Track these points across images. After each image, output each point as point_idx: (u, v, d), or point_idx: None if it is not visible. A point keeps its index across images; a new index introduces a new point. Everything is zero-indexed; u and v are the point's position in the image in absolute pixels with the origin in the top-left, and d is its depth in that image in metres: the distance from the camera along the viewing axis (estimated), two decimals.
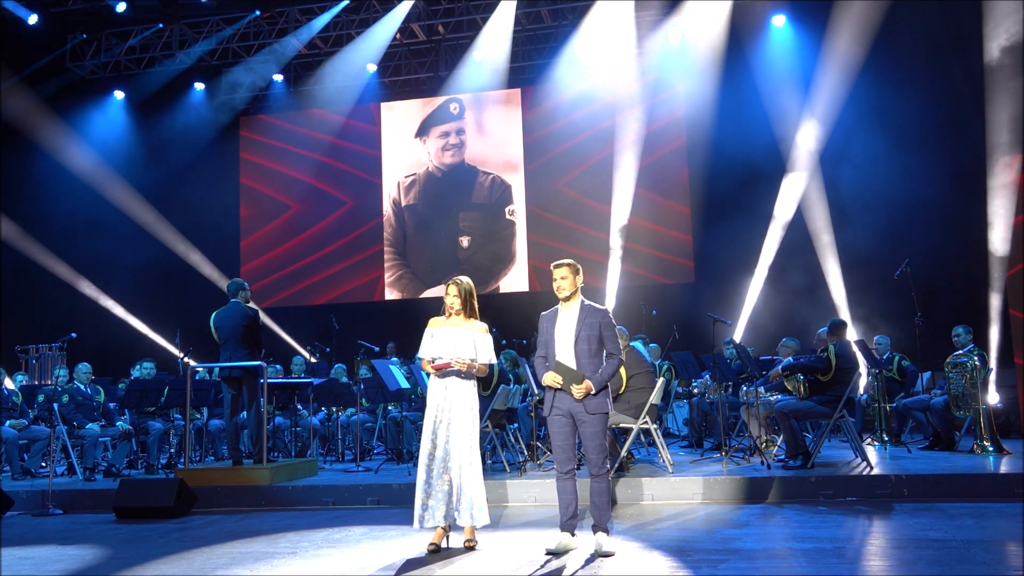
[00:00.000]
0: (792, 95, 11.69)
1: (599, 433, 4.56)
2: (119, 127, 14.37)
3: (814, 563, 4.16)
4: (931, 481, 6.01)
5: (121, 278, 13.70)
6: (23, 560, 4.98)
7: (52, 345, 11.15)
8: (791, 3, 12.37)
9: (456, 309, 4.91)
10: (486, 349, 4.93)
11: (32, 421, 8.61)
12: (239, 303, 7.44)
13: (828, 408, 6.77)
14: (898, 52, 11.47)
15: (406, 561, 4.57)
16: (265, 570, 4.50)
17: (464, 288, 4.94)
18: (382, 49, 13.38)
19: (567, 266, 4.72)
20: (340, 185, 14.64)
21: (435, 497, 4.72)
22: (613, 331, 4.68)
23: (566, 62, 13.17)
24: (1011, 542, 4.52)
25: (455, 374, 4.84)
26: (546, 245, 13.54)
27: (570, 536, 4.62)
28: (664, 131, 13.30)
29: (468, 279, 5.02)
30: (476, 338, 4.91)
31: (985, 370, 7.60)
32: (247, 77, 14.33)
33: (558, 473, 4.64)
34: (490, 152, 14.20)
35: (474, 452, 4.81)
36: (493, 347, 5.02)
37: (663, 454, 6.94)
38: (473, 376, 4.91)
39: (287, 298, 14.53)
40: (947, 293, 10.46)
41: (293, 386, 8.79)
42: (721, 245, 12.32)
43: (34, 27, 12.34)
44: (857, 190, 11.39)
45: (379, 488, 6.75)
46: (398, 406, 8.89)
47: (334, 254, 14.48)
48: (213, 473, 7.20)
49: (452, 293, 4.92)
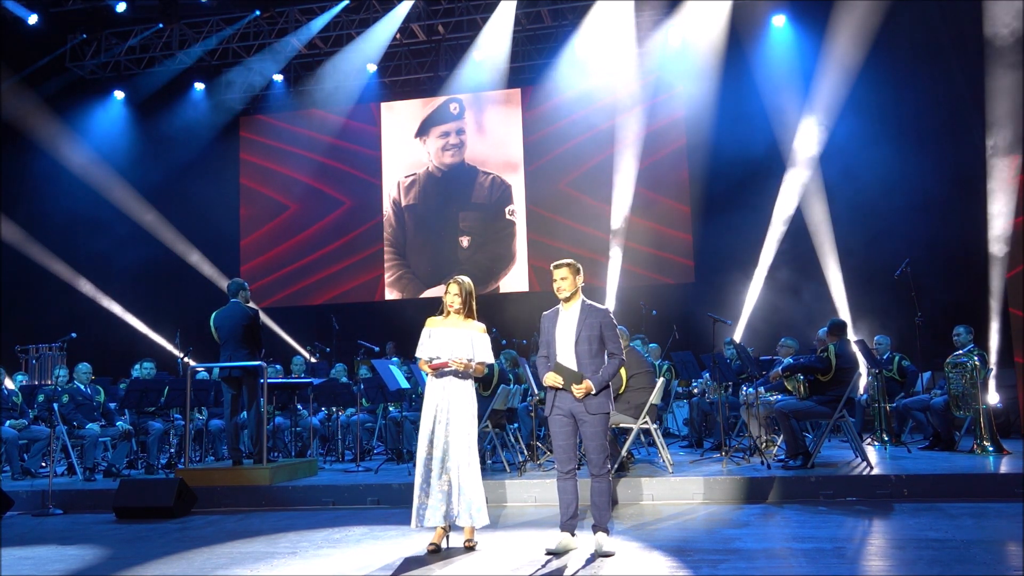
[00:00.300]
0: (792, 95, 11.69)
1: (600, 433, 4.56)
2: (119, 127, 14.37)
3: (814, 563, 4.16)
4: (931, 481, 6.01)
5: (121, 278, 13.70)
6: (23, 560, 4.98)
7: (52, 345, 11.14)
8: (791, 3, 12.37)
9: (456, 308, 4.92)
10: (484, 349, 4.93)
11: (32, 421, 8.61)
12: (239, 303, 7.44)
13: (828, 408, 6.77)
14: (898, 52, 11.47)
15: (406, 560, 4.57)
16: (265, 570, 4.50)
17: (465, 288, 4.95)
18: (382, 49, 13.39)
19: (567, 266, 4.72)
20: (340, 185, 14.64)
21: (434, 497, 4.72)
22: (614, 331, 4.67)
23: (566, 62, 13.18)
24: (1011, 542, 4.52)
25: (453, 374, 4.84)
26: (546, 245, 13.55)
27: (570, 536, 4.61)
28: (664, 131, 13.30)
29: (468, 279, 5.03)
30: (474, 338, 4.91)
31: (985, 370, 7.60)
32: (247, 77, 14.33)
33: (559, 473, 4.64)
34: (490, 152, 14.20)
35: (472, 452, 4.82)
36: (491, 347, 5.02)
37: (663, 454, 6.93)
38: (471, 376, 4.92)
39: (287, 298, 14.54)
40: (948, 293, 10.46)
41: (293, 386, 8.79)
42: (721, 245, 12.33)
43: (34, 27, 12.34)
44: (857, 190, 11.40)
45: (379, 488, 6.76)
46: (398, 406, 8.89)
47: (334, 254, 14.48)
48: (213, 473, 7.20)
49: (453, 292, 4.93)
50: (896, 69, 11.50)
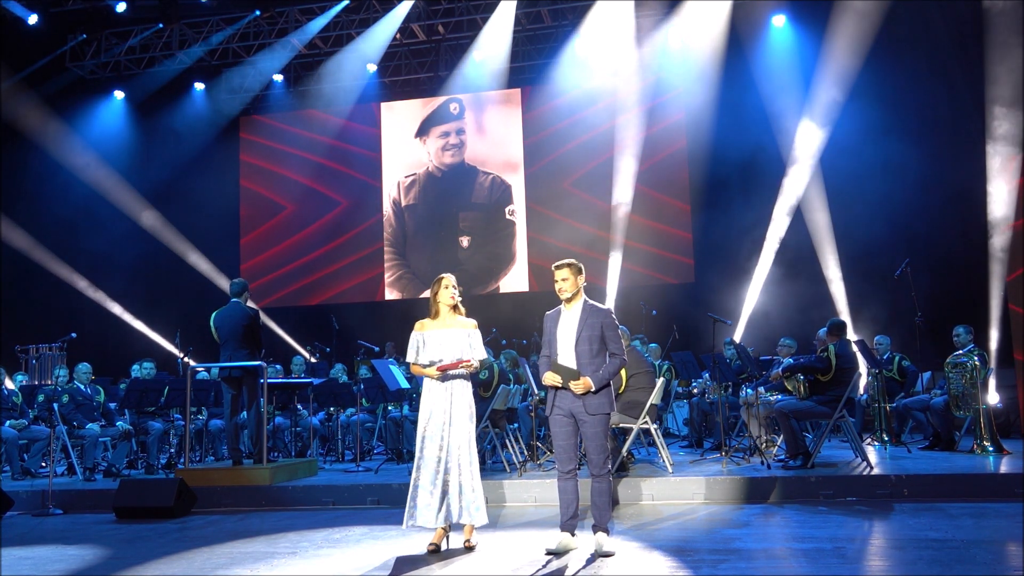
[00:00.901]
0: (792, 95, 11.68)
1: (600, 434, 4.56)
2: (119, 127, 14.36)
3: (814, 563, 4.16)
4: (931, 481, 6.01)
5: (121, 278, 13.70)
6: (23, 560, 4.98)
7: (52, 345, 11.13)
8: (791, 3, 12.37)
9: (458, 301, 4.94)
10: (479, 345, 4.97)
11: (32, 421, 8.61)
12: (239, 303, 7.44)
13: (828, 408, 6.77)
14: (898, 52, 11.46)
15: (406, 561, 4.57)
16: (265, 570, 4.50)
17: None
18: (382, 49, 13.38)
19: (568, 267, 4.71)
20: (340, 185, 14.64)
21: (429, 497, 4.73)
22: (615, 331, 4.67)
23: (566, 62, 13.18)
24: (1011, 542, 4.52)
25: (457, 376, 4.85)
26: (546, 245, 13.55)
27: (570, 536, 4.61)
28: (664, 131, 13.30)
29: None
30: (470, 335, 4.94)
31: (985, 370, 7.60)
32: (247, 77, 14.33)
33: (559, 473, 4.64)
34: (490, 152, 14.20)
35: (472, 451, 4.82)
36: (483, 342, 5.06)
37: (663, 454, 6.93)
38: (468, 375, 4.93)
39: (287, 298, 14.54)
40: (947, 293, 10.46)
41: (293, 386, 8.79)
42: (721, 245, 12.33)
43: (34, 27, 12.33)
44: (857, 190, 11.39)
45: (379, 488, 6.76)
46: (398, 406, 8.89)
47: (334, 254, 14.48)
48: (213, 473, 7.20)
49: (452, 285, 4.95)
50: (896, 69, 11.50)
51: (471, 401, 4.91)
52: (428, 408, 4.86)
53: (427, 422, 4.83)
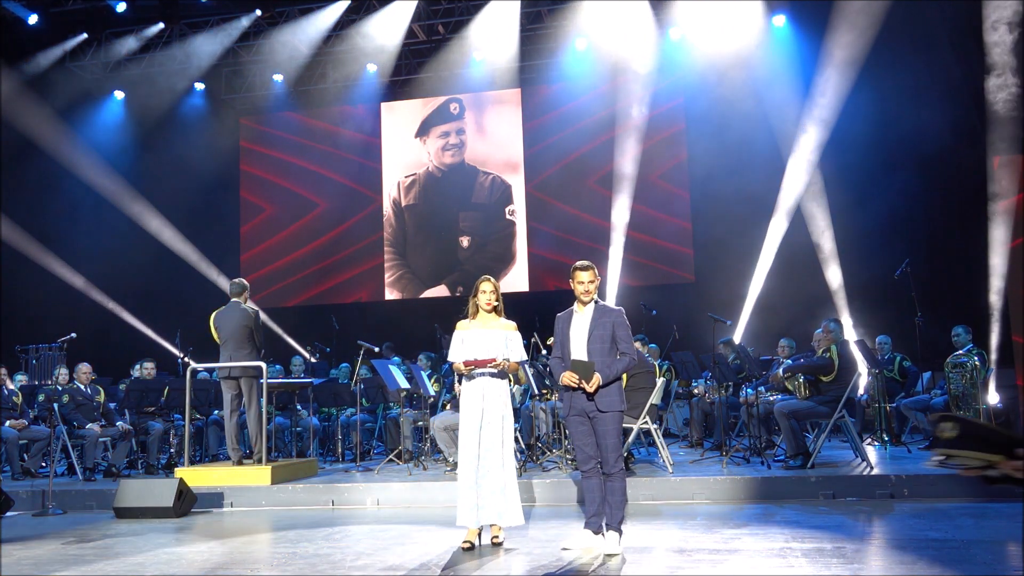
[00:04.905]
0: (792, 95, 11.68)
1: (611, 431, 4.57)
2: (119, 127, 14.36)
3: (814, 563, 4.16)
4: (931, 481, 6.00)
5: (121, 278, 13.67)
6: (23, 560, 4.98)
7: (52, 345, 11.13)
8: (791, 3, 12.37)
9: (493, 305, 4.94)
10: (518, 347, 4.99)
11: (32, 421, 8.61)
12: (239, 303, 7.45)
13: (828, 408, 6.77)
14: (898, 52, 11.45)
15: (405, 560, 4.57)
16: (265, 570, 4.50)
17: (497, 286, 5.01)
18: (382, 49, 13.37)
19: (592, 269, 4.73)
20: (339, 185, 14.63)
21: (471, 496, 4.75)
22: (627, 331, 4.70)
23: (566, 62, 13.15)
24: (1011, 542, 4.52)
25: (489, 374, 4.87)
26: (546, 245, 13.55)
27: (591, 534, 4.64)
28: (664, 131, 13.29)
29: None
30: (508, 336, 4.96)
31: (985, 370, 7.61)
32: (247, 77, 14.32)
33: (581, 472, 4.70)
34: (490, 152, 14.19)
35: (505, 453, 4.85)
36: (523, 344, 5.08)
37: (663, 454, 6.94)
38: (507, 375, 4.96)
39: (287, 298, 14.53)
40: (947, 293, 10.45)
41: (293, 386, 8.80)
42: (721, 245, 12.31)
43: (34, 27, 12.33)
44: (857, 190, 11.38)
45: (379, 488, 6.76)
46: (398, 406, 8.88)
47: (334, 253, 14.47)
48: (213, 473, 7.20)
49: (489, 290, 4.94)
50: (896, 69, 11.49)
51: (506, 401, 4.92)
52: (464, 408, 4.90)
53: (465, 423, 4.87)
